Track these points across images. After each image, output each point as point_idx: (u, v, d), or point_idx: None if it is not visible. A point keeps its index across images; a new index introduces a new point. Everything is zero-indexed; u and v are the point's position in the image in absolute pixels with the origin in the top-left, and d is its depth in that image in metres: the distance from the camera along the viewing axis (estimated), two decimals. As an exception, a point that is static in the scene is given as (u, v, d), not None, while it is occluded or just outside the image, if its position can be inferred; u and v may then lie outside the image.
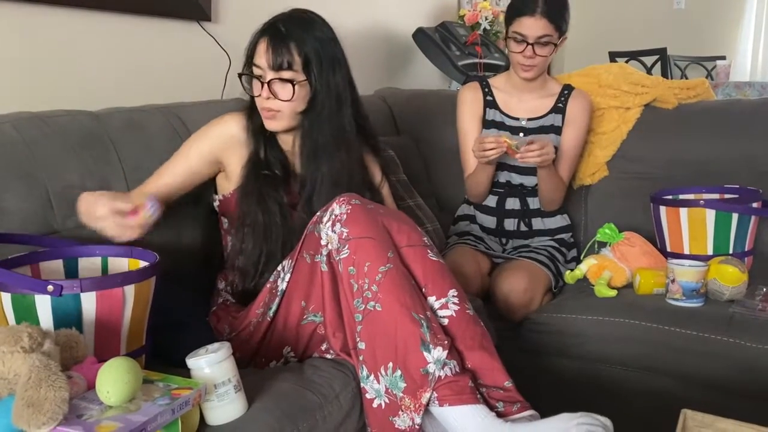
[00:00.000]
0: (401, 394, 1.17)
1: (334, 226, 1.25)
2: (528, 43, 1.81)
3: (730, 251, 1.74)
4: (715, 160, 1.99)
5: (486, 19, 3.14)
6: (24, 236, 1.25)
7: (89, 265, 1.22)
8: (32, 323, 0.96)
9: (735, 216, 1.73)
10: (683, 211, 1.76)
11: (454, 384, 1.16)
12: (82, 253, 1.22)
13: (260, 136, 1.43)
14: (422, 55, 2.96)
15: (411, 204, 2.06)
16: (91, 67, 1.73)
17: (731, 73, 4.31)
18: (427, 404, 1.16)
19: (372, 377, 1.20)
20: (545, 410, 1.21)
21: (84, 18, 1.70)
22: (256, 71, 1.39)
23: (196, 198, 1.51)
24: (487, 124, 1.99)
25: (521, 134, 1.96)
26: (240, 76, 1.42)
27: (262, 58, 1.37)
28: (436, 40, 2.90)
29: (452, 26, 3.02)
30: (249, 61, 1.41)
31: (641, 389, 1.58)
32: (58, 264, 1.20)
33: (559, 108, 1.96)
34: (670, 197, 1.87)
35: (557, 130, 1.96)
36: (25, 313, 1.03)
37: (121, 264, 1.22)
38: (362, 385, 1.21)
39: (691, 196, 1.88)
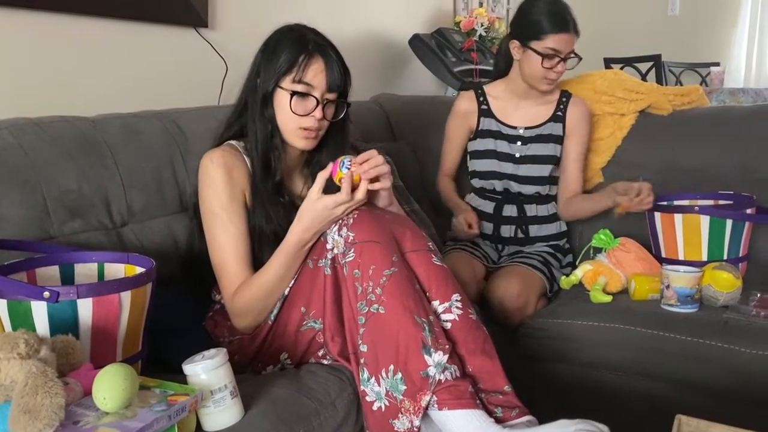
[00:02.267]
0: (401, 397, 1.17)
1: (340, 230, 1.26)
2: (561, 59, 1.84)
3: (725, 257, 1.75)
4: (710, 166, 2.00)
5: (482, 25, 3.16)
6: (20, 242, 1.24)
7: (85, 271, 1.22)
8: (28, 330, 0.96)
9: (729, 222, 1.74)
10: (678, 217, 1.77)
11: (454, 388, 1.16)
12: (78, 259, 1.23)
13: (266, 160, 1.38)
14: (418, 61, 2.97)
15: (407, 210, 2.05)
16: (88, 73, 1.73)
17: (725, 80, 4.33)
18: (427, 407, 1.16)
19: (373, 379, 1.20)
20: (541, 416, 1.21)
21: (81, 24, 1.70)
22: (310, 90, 1.34)
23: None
24: (482, 133, 1.99)
25: (518, 143, 1.97)
26: (292, 94, 1.32)
27: (317, 77, 1.33)
28: (432, 47, 2.92)
29: (448, 33, 3.04)
30: (282, 76, 1.34)
31: (636, 394, 1.58)
32: (54, 270, 1.20)
33: (558, 116, 1.97)
34: (664, 203, 1.87)
35: (557, 139, 1.96)
36: (21, 319, 1.03)
37: (117, 270, 1.22)
38: (362, 388, 1.22)
39: (685, 202, 1.89)
